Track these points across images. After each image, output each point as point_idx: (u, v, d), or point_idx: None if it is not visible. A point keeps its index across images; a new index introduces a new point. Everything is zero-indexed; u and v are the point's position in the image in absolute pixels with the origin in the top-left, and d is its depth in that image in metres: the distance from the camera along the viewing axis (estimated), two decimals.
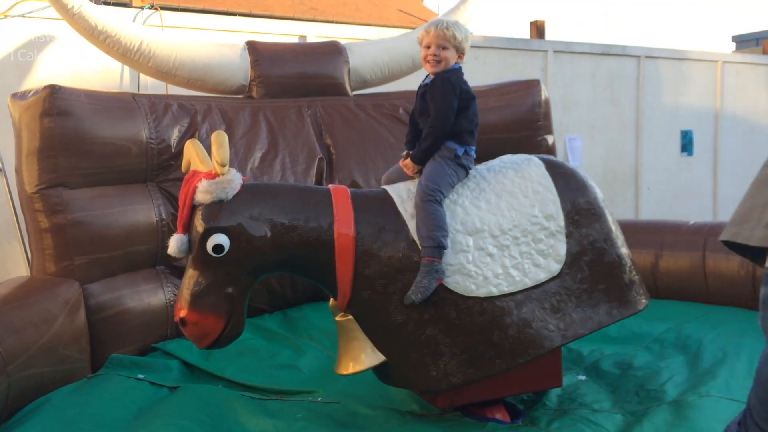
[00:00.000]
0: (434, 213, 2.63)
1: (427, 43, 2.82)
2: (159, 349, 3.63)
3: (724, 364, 3.22)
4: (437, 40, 2.78)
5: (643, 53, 8.11)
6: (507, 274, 2.67)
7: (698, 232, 4.37)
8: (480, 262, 2.66)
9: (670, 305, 4.23)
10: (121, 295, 3.58)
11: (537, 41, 7.52)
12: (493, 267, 2.67)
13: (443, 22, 2.81)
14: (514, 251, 2.71)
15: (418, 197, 2.68)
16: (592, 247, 2.82)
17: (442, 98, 2.75)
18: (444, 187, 2.71)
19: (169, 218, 3.84)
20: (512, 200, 2.80)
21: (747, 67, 9.07)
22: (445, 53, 2.79)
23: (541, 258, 2.74)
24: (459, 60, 2.86)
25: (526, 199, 2.81)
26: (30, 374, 2.83)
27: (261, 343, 3.73)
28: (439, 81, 2.78)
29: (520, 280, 2.69)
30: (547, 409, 2.95)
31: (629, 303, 2.84)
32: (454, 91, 2.78)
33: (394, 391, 3.12)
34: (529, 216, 2.77)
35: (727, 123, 8.88)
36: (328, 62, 4.63)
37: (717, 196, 8.90)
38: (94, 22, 4.02)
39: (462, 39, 2.81)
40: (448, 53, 2.79)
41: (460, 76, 2.83)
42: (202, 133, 3.99)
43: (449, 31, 2.77)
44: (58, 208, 3.42)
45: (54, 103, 3.41)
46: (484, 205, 2.76)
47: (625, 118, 8.08)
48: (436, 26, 2.81)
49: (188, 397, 3.02)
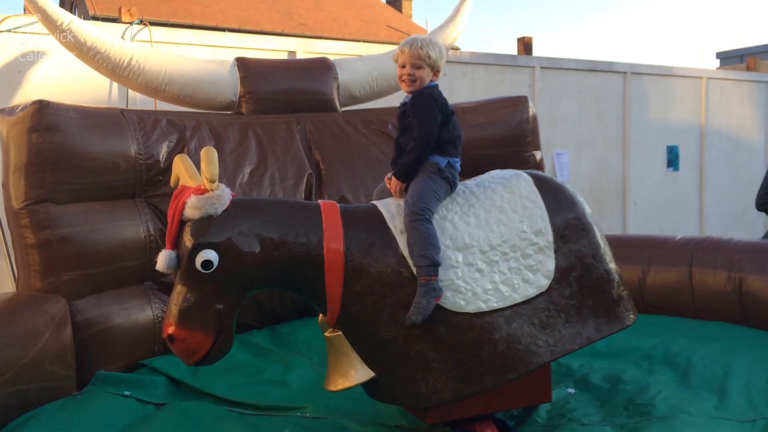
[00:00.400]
0: (425, 231, 2.62)
1: (402, 63, 2.84)
2: (146, 366, 3.60)
3: (713, 380, 3.23)
4: (411, 60, 2.80)
5: (629, 69, 8.21)
6: (496, 290, 2.67)
7: (685, 246, 4.40)
8: (469, 277, 2.66)
9: (657, 320, 4.24)
10: (108, 311, 3.56)
11: (524, 57, 7.60)
12: (482, 283, 2.67)
13: (417, 41, 2.82)
14: (503, 267, 2.72)
15: (407, 218, 2.67)
16: (581, 262, 2.83)
17: (425, 112, 2.77)
18: (431, 203, 2.71)
19: (157, 234, 3.82)
20: (501, 216, 2.81)
21: (731, 83, 9.20)
22: (420, 72, 2.80)
23: (530, 273, 2.75)
24: (434, 78, 2.87)
25: (515, 214, 2.82)
26: (14, 391, 2.80)
27: (249, 359, 3.71)
28: (420, 97, 2.81)
29: (510, 295, 2.69)
30: (537, 425, 2.95)
31: (617, 318, 2.85)
32: (436, 104, 2.80)
33: (383, 407, 3.11)
34: (518, 231, 2.79)
35: (712, 138, 8.99)
36: (317, 78, 4.65)
37: (703, 211, 8.98)
38: (84, 38, 4.03)
39: (436, 57, 2.81)
40: (423, 72, 2.81)
41: (437, 91, 2.85)
42: (191, 148, 3.99)
43: (423, 51, 2.78)
44: (45, 224, 3.40)
45: (42, 119, 3.40)
46: (473, 221, 2.78)
47: (612, 134, 8.16)
48: (410, 45, 2.82)
49: (175, 414, 3.00)
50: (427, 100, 2.78)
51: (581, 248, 2.85)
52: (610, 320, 2.83)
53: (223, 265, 2.49)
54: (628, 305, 2.93)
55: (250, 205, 2.68)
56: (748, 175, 9.35)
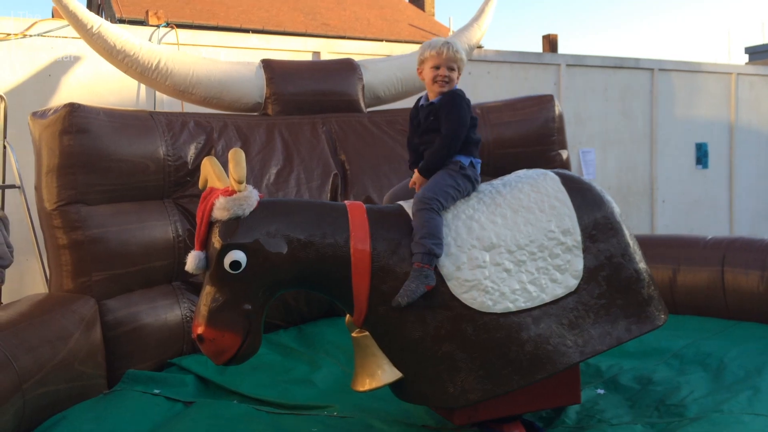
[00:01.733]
0: (427, 221, 2.64)
1: (436, 64, 2.87)
2: (175, 365, 3.64)
3: (746, 381, 3.18)
4: (448, 62, 2.87)
5: (657, 66, 8.11)
6: (524, 290, 2.65)
7: (716, 246, 4.34)
8: (496, 277, 2.64)
9: (688, 320, 4.19)
10: (137, 310, 3.60)
11: (549, 55, 7.54)
12: (509, 283, 2.65)
13: (452, 45, 2.89)
14: (531, 267, 2.70)
15: (414, 206, 2.71)
16: (609, 262, 2.80)
17: (459, 112, 2.83)
18: (442, 196, 2.72)
19: (185, 234, 3.86)
20: (528, 215, 2.78)
21: (761, 79, 9.04)
22: (453, 74, 2.90)
23: (558, 273, 2.72)
24: (458, 80, 2.96)
25: (543, 213, 2.79)
26: (46, 392, 2.85)
27: (276, 359, 3.73)
28: (456, 97, 2.86)
29: (537, 295, 2.66)
30: (566, 426, 2.92)
31: (648, 318, 2.80)
32: (469, 106, 2.89)
33: (410, 406, 3.11)
34: (545, 231, 2.76)
35: (741, 135, 8.83)
36: (342, 79, 4.66)
37: (733, 208, 8.83)
38: (113, 42, 4.08)
39: (464, 61, 2.96)
40: (455, 74, 2.91)
41: (464, 95, 2.94)
42: (218, 150, 4.03)
43: (458, 54, 2.89)
44: (77, 225, 3.45)
45: (73, 121, 3.45)
46: (500, 221, 2.75)
47: (639, 131, 8.06)
48: (447, 48, 2.87)
49: (203, 412, 3.03)
50: (461, 101, 2.85)
51: (610, 247, 2.82)
52: (640, 320, 2.79)
53: (251, 266, 2.49)
54: (659, 305, 2.89)
55: (277, 206, 2.69)
56: None
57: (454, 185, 2.77)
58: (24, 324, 2.95)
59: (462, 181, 2.80)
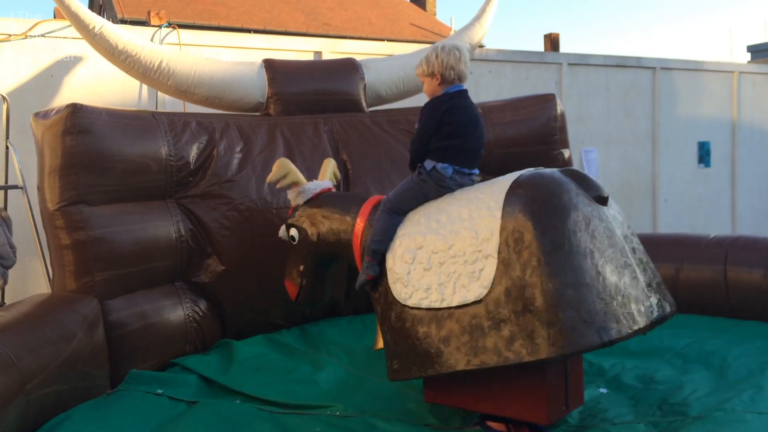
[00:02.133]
0: (377, 220, 3.07)
1: None
2: (178, 364, 3.64)
3: (749, 380, 3.17)
4: (419, 79, 3.13)
5: (659, 65, 8.10)
6: (436, 290, 2.80)
7: (719, 245, 4.33)
8: (417, 274, 2.86)
9: (691, 319, 4.18)
10: (140, 310, 3.61)
11: (551, 54, 7.53)
12: (425, 281, 2.83)
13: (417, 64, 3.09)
14: (446, 269, 2.79)
15: None
16: (520, 276, 2.62)
17: (420, 124, 3.05)
18: (396, 199, 3.06)
19: (188, 234, 3.87)
20: (460, 222, 2.82)
21: (763, 77, 9.02)
22: (425, 86, 3.10)
23: (469, 280, 2.72)
24: (440, 85, 3.03)
25: (471, 219, 2.80)
26: (49, 392, 2.86)
27: (279, 358, 3.73)
28: (422, 109, 3.08)
29: (445, 298, 2.77)
30: (568, 425, 2.92)
31: (538, 346, 2.55)
32: (432, 114, 3.01)
33: (412, 406, 3.11)
34: (470, 237, 2.76)
35: (744, 134, 8.82)
36: (344, 79, 4.66)
37: (735, 207, 8.82)
38: (115, 42, 4.09)
39: (425, 68, 3.04)
40: (426, 85, 3.08)
41: (443, 101, 3.02)
42: (221, 150, 4.03)
43: (417, 69, 3.10)
44: (79, 225, 3.46)
45: (76, 122, 3.46)
46: (433, 225, 2.89)
47: (641, 130, 8.05)
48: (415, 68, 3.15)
49: (206, 411, 3.03)
50: (423, 112, 3.06)
51: (523, 261, 2.62)
52: (536, 347, 2.55)
53: (301, 238, 3.37)
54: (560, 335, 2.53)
55: (323, 198, 3.42)
56: None
57: (409, 188, 3.05)
58: (27, 324, 2.96)
59: (421, 185, 3.03)
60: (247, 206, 4.02)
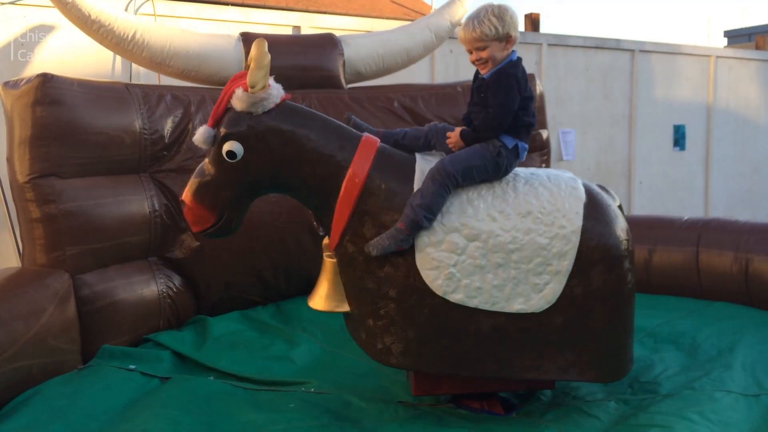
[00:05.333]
0: (434, 194, 2.56)
1: (467, 50, 2.69)
2: (151, 340, 3.61)
3: (718, 360, 3.24)
4: (473, 44, 2.63)
5: (637, 47, 8.13)
6: (486, 291, 2.59)
7: (692, 227, 4.39)
8: (464, 268, 2.59)
9: (663, 300, 4.25)
10: (113, 285, 3.56)
11: (531, 34, 7.51)
12: (475, 279, 2.59)
13: (471, 22, 2.62)
14: (504, 273, 2.59)
15: (434, 169, 2.60)
16: (590, 300, 2.63)
17: (502, 96, 2.61)
18: (462, 174, 2.60)
19: (162, 209, 3.81)
20: (530, 224, 2.62)
21: (739, 62, 9.11)
22: (487, 52, 2.62)
23: (530, 291, 2.60)
24: (507, 47, 2.64)
25: (546, 228, 2.62)
26: (19, 366, 2.82)
27: (254, 335, 3.72)
28: (503, 77, 2.62)
29: (497, 302, 2.60)
30: (541, 402, 2.96)
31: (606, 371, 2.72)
32: (518, 87, 2.62)
33: (387, 383, 3.12)
34: (538, 246, 2.61)
35: (719, 118, 8.92)
36: (323, 54, 4.60)
37: (709, 191, 8.95)
38: (88, 11, 3.98)
39: (499, 28, 2.59)
40: (490, 51, 2.61)
41: (522, 69, 2.66)
42: (196, 124, 3.97)
43: (478, 30, 2.59)
44: (50, 198, 3.39)
45: (46, 92, 3.37)
46: (497, 216, 2.62)
47: (618, 112, 8.10)
48: (464, 29, 2.64)
49: (179, 387, 3.01)
50: (508, 82, 2.61)
51: (597, 286, 2.63)
52: (597, 370, 2.69)
53: (245, 160, 2.59)
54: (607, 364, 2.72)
55: (297, 112, 2.72)
56: (755, 155, 9.30)
57: (480, 167, 2.62)
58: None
59: (491, 166, 2.64)
60: None
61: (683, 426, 2.54)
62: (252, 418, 2.76)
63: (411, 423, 2.76)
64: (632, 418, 2.69)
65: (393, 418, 2.81)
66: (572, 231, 2.62)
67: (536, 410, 2.86)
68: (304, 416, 2.77)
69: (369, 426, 2.74)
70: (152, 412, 2.71)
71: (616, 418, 2.74)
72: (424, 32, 5.07)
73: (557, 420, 2.74)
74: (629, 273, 2.71)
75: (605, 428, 2.67)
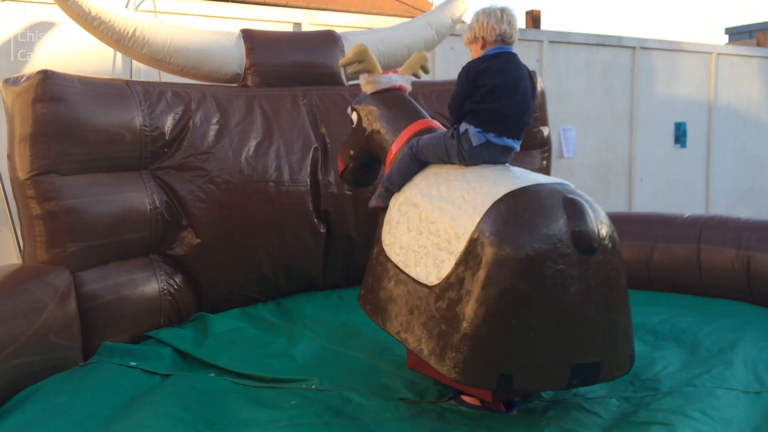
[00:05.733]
0: (401, 160, 3.09)
1: None
2: (152, 337, 3.61)
3: (719, 357, 3.23)
4: None
5: (638, 44, 8.11)
6: (406, 254, 2.87)
7: (693, 224, 4.39)
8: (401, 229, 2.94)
9: (664, 297, 4.25)
10: (114, 283, 3.56)
11: (532, 31, 7.50)
12: (405, 240, 2.89)
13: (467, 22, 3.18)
14: (422, 241, 2.81)
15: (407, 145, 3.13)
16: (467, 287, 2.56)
17: (455, 86, 2.99)
18: (422, 148, 3.04)
19: (163, 206, 3.81)
20: (452, 205, 2.74)
21: (741, 59, 9.09)
22: (472, 55, 3.05)
23: (433, 263, 2.71)
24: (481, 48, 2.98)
25: (459, 209, 2.70)
26: (19, 363, 2.82)
27: (254, 332, 3.72)
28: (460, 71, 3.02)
29: (410, 266, 2.83)
30: (542, 399, 2.95)
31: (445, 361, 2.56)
32: (467, 77, 2.94)
33: (388, 380, 3.13)
34: (447, 226, 2.70)
35: (720, 115, 8.90)
36: (323, 51, 4.60)
37: (710, 188, 8.93)
38: (88, 8, 3.98)
39: (471, 33, 3.01)
40: (472, 53, 3.04)
41: (477, 64, 2.95)
42: (197, 121, 3.96)
43: (464, 39, 3.09)
44: (51, 195, 3.38)
45: (47, 89, 3.37)
46: (434, 191, 2.91)
47: (619, 110, 8.08)
48: None
49: (180, 384, 3.01)
50: (459, 74, 2.99)
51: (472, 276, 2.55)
52: (441, 358, 2.59)
53: (359, 124, 3.41)
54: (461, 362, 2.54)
55: (388, 96, 3.38)
56: (756, 152, 9.28)
57: (436, 144, 2.99)
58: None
59: (446, 145, 2.95)
60: (223, 179, 3.97)
61: (684, 423, 2.54)
62: (253, 415, 2.76)
63: (412, 420, 2.76)
64: (633, 416, 2.69)
65: (394, 415, 2.81)
66: (474, 219, 2.61)
67: (537, 407, 2.86)
68: (305, 413, 2.77)
69: (370, 423, 2.74)
70: (153, 409, 2.71)
71: (618, 416, 2.74)
72: (425, 29, 5.07)
73: (558, 417, 2.74)
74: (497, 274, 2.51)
75: (606, 425, 2.67)
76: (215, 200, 3.93)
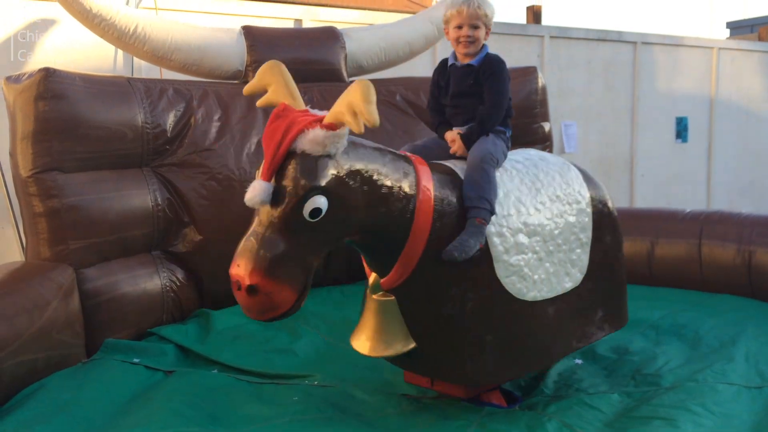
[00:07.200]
0: (493, 179, 2.56)
1: (458, 23, 2.78)
2: (155, 334, 3.62)
3: (720, 352, 3.24)
4: (470, 20, 2.75)
5: (639, 39, 8.10)
6: (548, 280, 2.74)
7: (694, 220, 4.39)
8: (532, 265, 2.69)
9: (665, 292, 4.25)
10: (116, 279, 3.57)
11: (533, 26, 7.49)
12: (539, 271, 2.71)
13: (474, 1, 2.78)
14: (555, 258, 2.78)
15: (477, 158, 2.59)
16: (606, 258, 2.99)
17: (502, 80, 2.75)
18: (499, 156, 2.70)
19: (165, 204, 3.82)
20: (561, 207, 2.85)
21: (742, 53, 9.07)
22: (478, 32, 2.77)
23: (571, 267, 2.85)
24: (486, 38, 2.85)
25: (569, 207, 2.88)
26: (23, 361, 2.82)
27: (256, 328, 3.72)
28: (497, 64, 2.78)
29: (555, 287, 2.77)
30: (544, 395, 2.96)
31: (622, 317, 3.10)
32: (508, 75, 2.83)
33: (390, 376, 3.13)
34: (570, 225, 2.86)
35: (721, 110, 8.89)
36: (324, 48, 4.60)
37: (711, 183, 8.93)
38: (89, 5, 3.98)
39: (491, 16, 2.82)
40: (480, 32, 2.78)
41: None
42: (198, 118, 3.97)
43: (481, 10, 2.76)
44: (53, 192, 3.39)
45: (48, 87, 3.37)
46: (541, 208, 2.77)
47: (620, 105, 8.07)
48: (468, 5, 2.77)
49: (183, 381, 3.03)
50: (503, 69, 2.77)
51: (608, 244, 3.01)
52: (616, 318, 3.07)
53: (330, 214, 2.18)
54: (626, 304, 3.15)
55: (359, 146, 2.34)
56: (757, 147, 9.26)
57: (503, 150, 2.76)
58: (0, 292, 2.91)
59: (505, 149, 2.79)
60: (225, 176, 3.97)
61: (686, 418, 2.55)
62: (256, 411, 2.77)
63: (414, 416, 2.77)
64: (635, 410, 2.69)
65: (396, 410, 2.82)
66: (586, 203, 2.92)
67: (539, 402, 2.87)
68: (307, 409, 2.78)
69: (372, 419, 2.74)
70: (156, 405, 2.72)
71: (619, 410, 2.75)
72: (426, 25, 5.06)
73: (560, 412, 2.74)
74: (619, 225, 3.09)
75: (608, 420, 2.67)
76: (217, 197, 3.93)
